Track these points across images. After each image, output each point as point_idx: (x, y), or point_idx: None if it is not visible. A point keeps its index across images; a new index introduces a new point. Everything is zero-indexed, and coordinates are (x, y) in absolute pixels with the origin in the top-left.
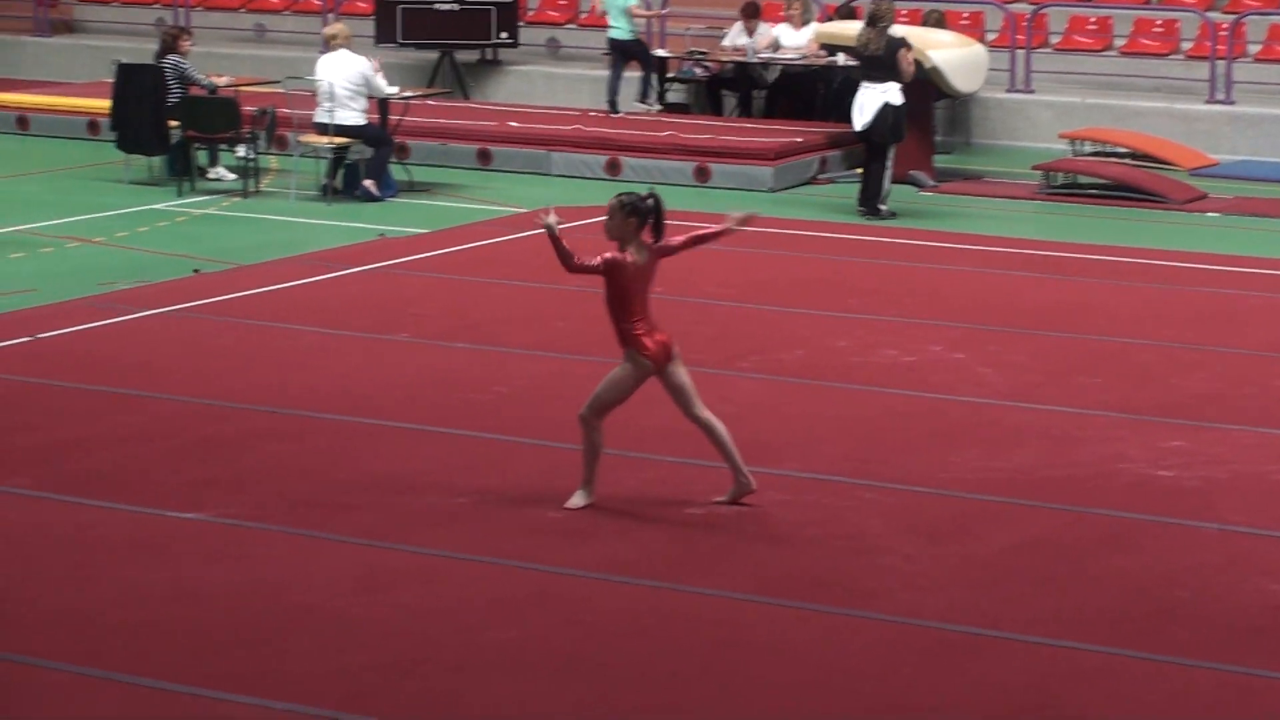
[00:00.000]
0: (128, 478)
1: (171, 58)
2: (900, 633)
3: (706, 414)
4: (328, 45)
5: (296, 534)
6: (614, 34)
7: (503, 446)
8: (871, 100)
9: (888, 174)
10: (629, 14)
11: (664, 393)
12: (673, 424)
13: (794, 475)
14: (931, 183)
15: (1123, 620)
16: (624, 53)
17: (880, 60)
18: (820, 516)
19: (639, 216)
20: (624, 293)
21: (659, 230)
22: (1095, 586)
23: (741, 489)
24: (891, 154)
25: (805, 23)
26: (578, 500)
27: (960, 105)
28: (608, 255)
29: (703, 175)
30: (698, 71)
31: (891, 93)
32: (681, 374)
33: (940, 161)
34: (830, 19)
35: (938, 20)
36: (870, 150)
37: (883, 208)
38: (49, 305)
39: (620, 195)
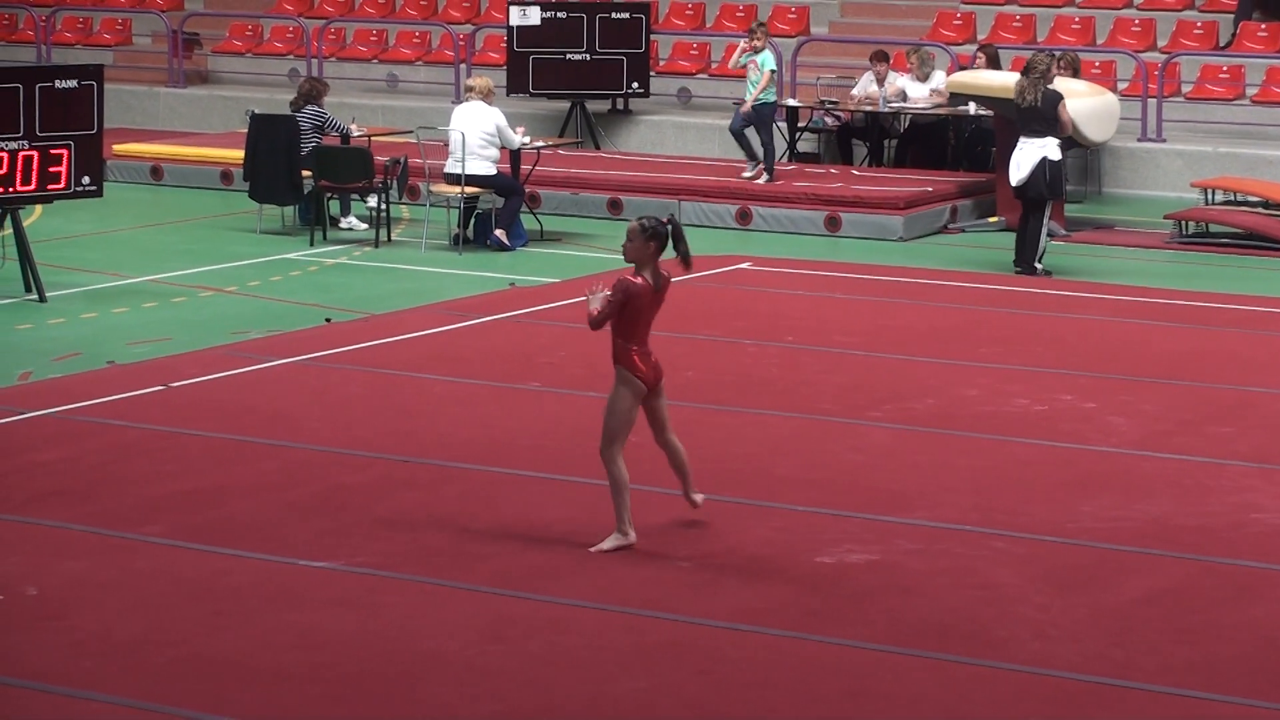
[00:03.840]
0: (260, 526)
1: (311, 108)
2: (1030, 683)
3: (675, 439)
4: (466, 95)
5: (427, 582)
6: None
7: (633, 495)
8: (1029, 155)
9: (1045, 231)
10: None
11: (785, 441)
12: (800, 473)
13: (925, 525)
14: (1063, 232)
15: (1256, 671)
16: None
17: (1037, 113)
18: (950, 566)
19: (658, 240)
20: (635, 316)
21: (684, 254)
22: (1228, 637)
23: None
24: (1049, 210)
25: (926, 75)
26: (610, 543)
27: (1092, 154)
28: (620, 283)
29: (833, 225)
30: (828, 121)
31: (1050, 148)
32: (663, 402)
33: (1072, 211)
34: (962, 69)
35: (1071, 63)
36: (1026, 206)
37: (1039, 266)
38: (183, 354)
39: (640, 219)
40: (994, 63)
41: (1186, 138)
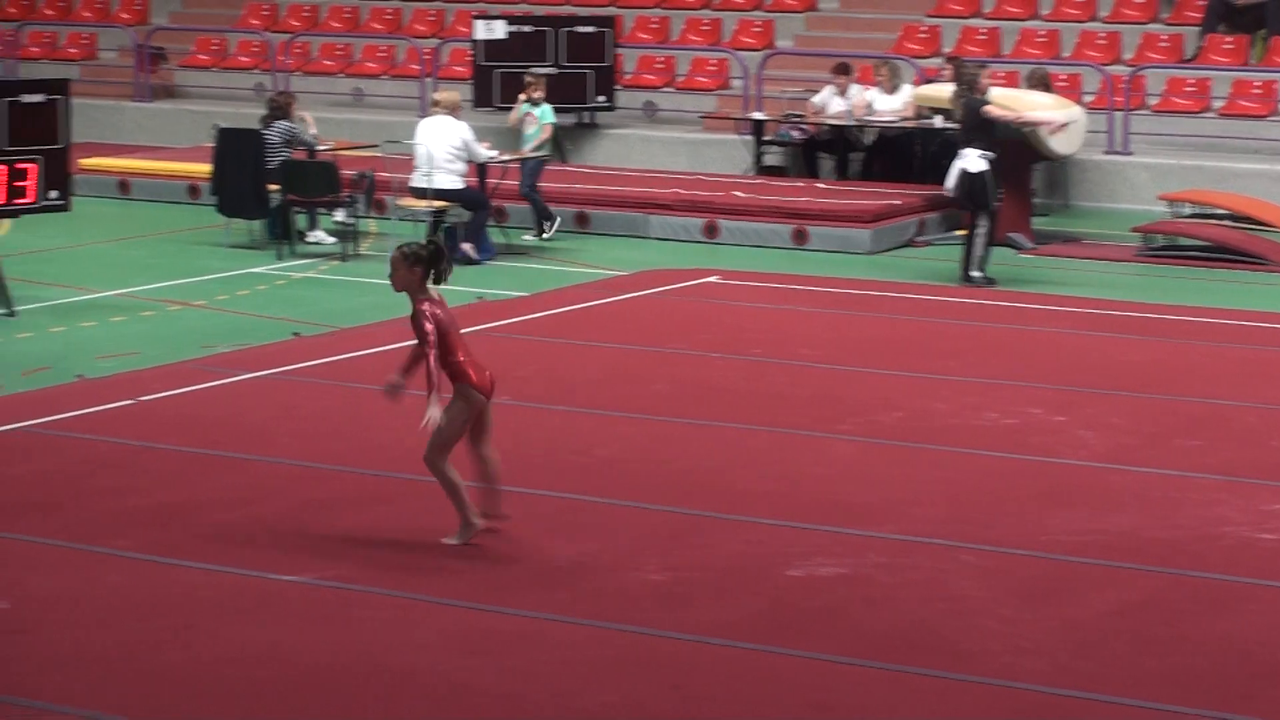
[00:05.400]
0: (231, 540)
1: (282, 123)
2: (999, 695)
3: (494, 452)
4: (431, 109)
5: (401, 596)
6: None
7: (602, 509)
8: (955, 166)
9: (977, 241)
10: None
11: (754, 454)
12: (769, 486)
13: (892, 538)
14: (1030, 245)
15: (1225, 684)
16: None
17: (962, 123)
18: (920, 579)
19: (422, 264)
20: (444, 334)
21: (440, 273)
22: (1197, 650)
23: (497, 517)
24: (982, 221)
25: (896, 87)
26: (460, 537)
27: (1058, 167)
28: (425, 314)
29: (801, 238)
30: (794, 134)
31: (968, 159)
32: (489, 413)
33: (1039, 223)
34: (928, 82)
35: (1042, 79)
36: (968, 216)
37: (975, 274)
38: (151, 368)
39: (401, 246)
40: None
41: (1153, 150)
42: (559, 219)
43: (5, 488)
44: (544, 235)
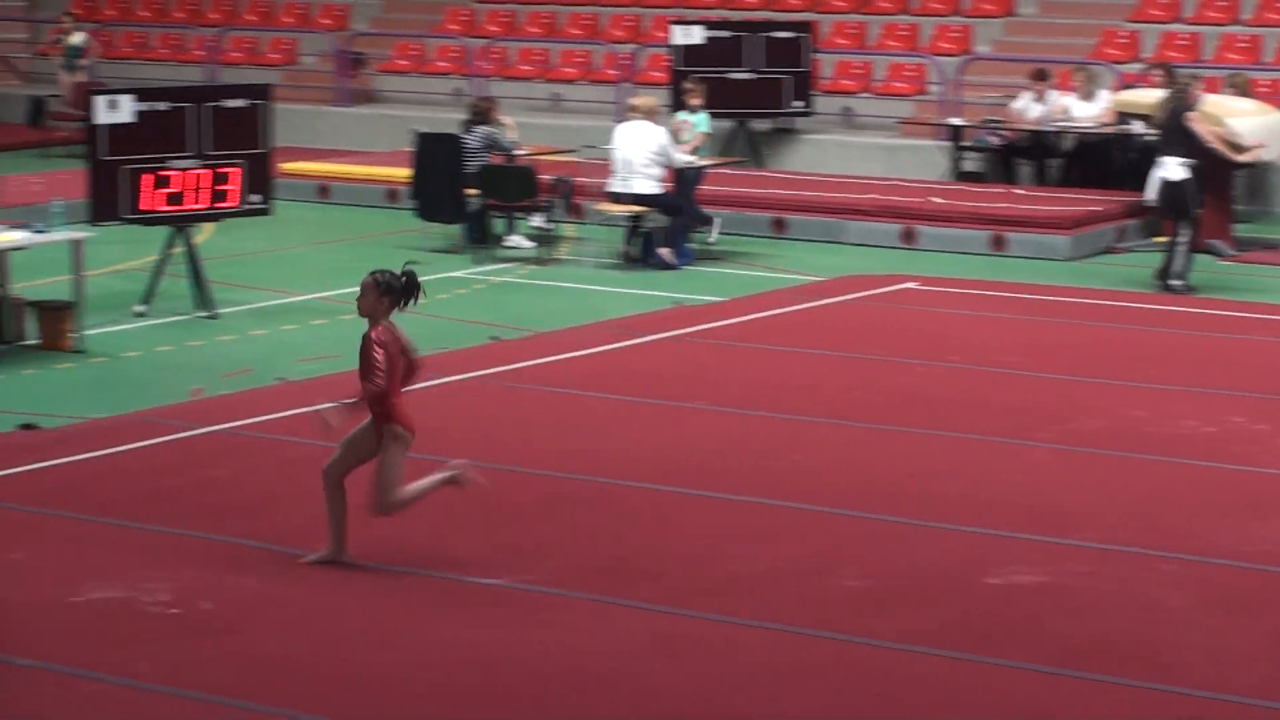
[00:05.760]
0: (429, 543)
1: (482, 128)
2: (1204, 707)
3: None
4: (629, 114)
5: (595, 600)
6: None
7: (800, 515)
8: (1155, 175)
9: (1179, 249)
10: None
11: (951, 461)
12: (967, 494)
13: (1091, 546)
14: (1231, 252)
15: None
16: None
17: (1165, 132)
18: (1118, 588)
19: (392, 295)
20: (394, 368)
21: (410, 304)
22: None
23: (335, 555)
24: (1184, 229)
25: (1091, 94)
26: (314, 557)
27: (1260, 174)
28: (375, 342)
29: (998, 244)
30: (992, 140)
31: (1168, 168)
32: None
33: (1240, 230)
34: (1127, 87)
35: (1242, 85)
36: (1169, 224)
37: (1174, 283)
38: (351, 371)
39: (375, 273)
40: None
41: None
42: (718, 220)
43: (207, 490)
44: (709, 240)
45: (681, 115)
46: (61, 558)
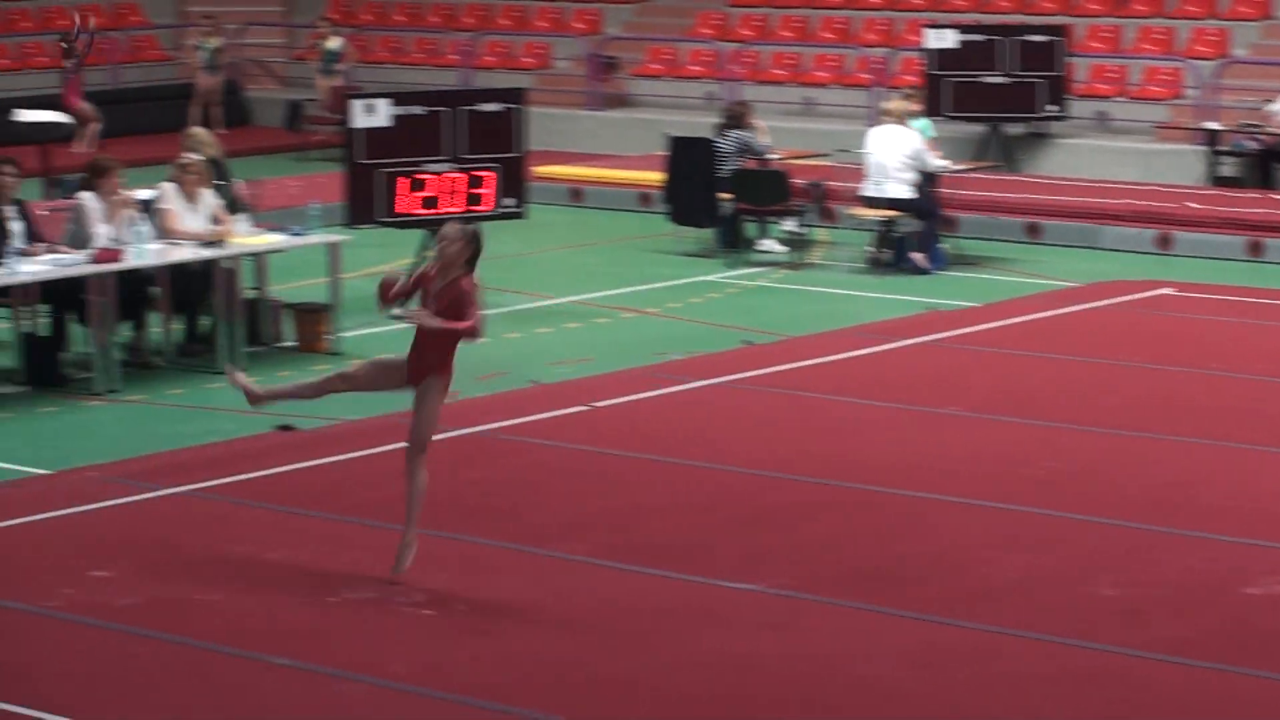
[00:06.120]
0: (683, 547)
1: (736, 132)
2: None
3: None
4: (881, 118)
5: (852, 606)
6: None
7: (1056, 522)
8: None
9: None
10: None
11: (1210, 470)
12: (1227, 502)
13: None
14: None
15: None
16: None
17: None
18: None
19: (475, 250)
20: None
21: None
22: None
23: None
24: None
25: None
26: (410, 558)
27: None
28: (471, 291)
29: (1256, 250)
30: (1250, 144)
31: None
32: None
33: None
34: None
35: None
36: None
37: None
38: (605, 374)
39: (467, 225)
40: None
41: None
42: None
43: (462, 492)
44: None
45: (923, 124)
46: (318, 558)
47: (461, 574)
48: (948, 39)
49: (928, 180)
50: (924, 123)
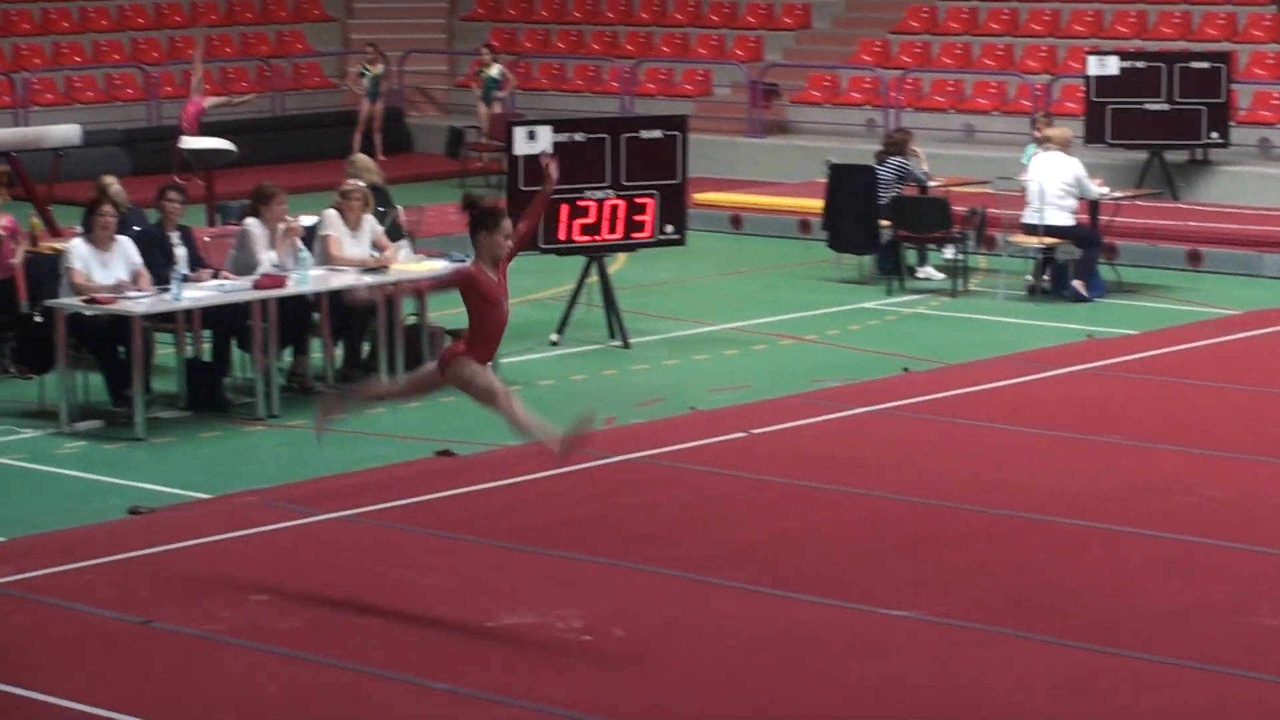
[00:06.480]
0: (841, 573)
1: (896, 159)
2: None
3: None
4: (1041, 145)
5: (1006, 634)
6: None
7: (1215, 551)
8: None
9: None
10: None
11: None
12: None
13: None
14: None
15: None
16: None
17: None
18: None
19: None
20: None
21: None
22: None
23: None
24: None
25: None
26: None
27: None
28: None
29: None
30: None
31: None
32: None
33: None
34: None
35: None
36: None
37: None
38: (763, 401)
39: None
40: None
41: None
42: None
43: (619, 518)
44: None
45: (1030, 149)
46: (476, 583)
47: (619, 599)
48: (1110, 66)
49: (1089, 208)
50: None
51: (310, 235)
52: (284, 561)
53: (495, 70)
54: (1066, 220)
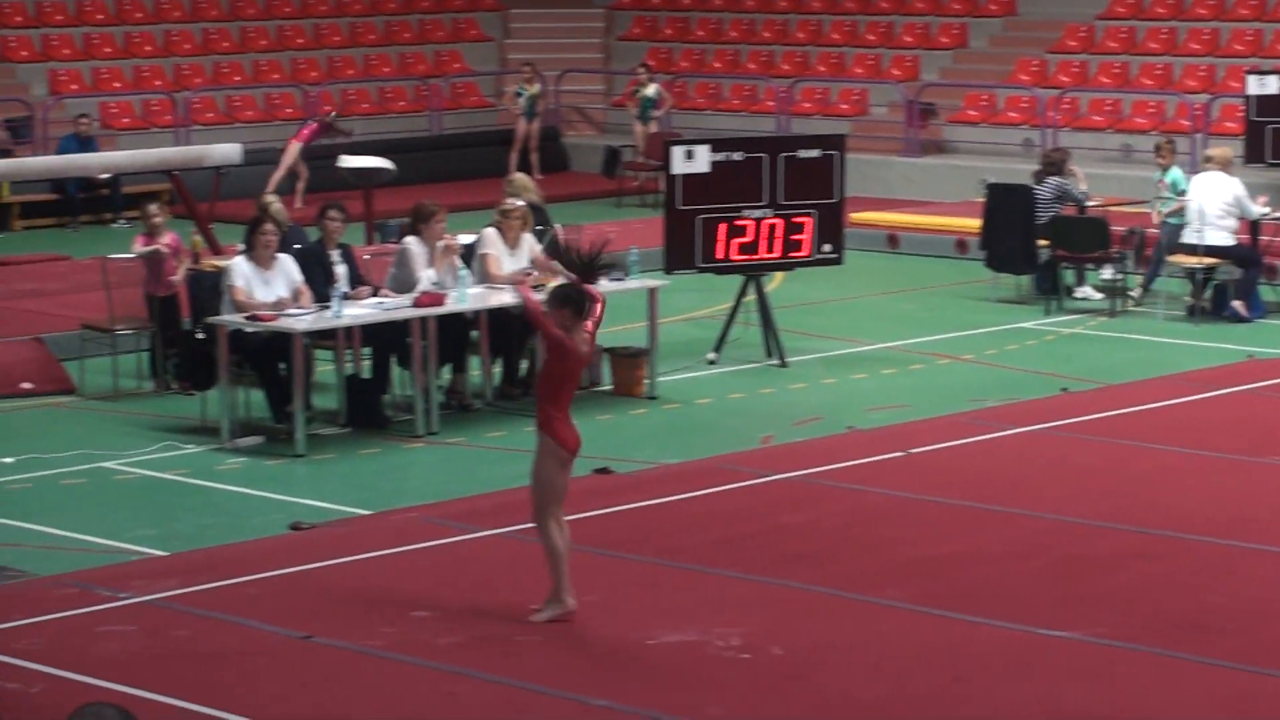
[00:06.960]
0: (1000, 593)
1: (1054, 179)
2: None
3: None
4: (1201, 165)
5: (1165, 655)
6: None
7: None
8: None
9: None
10: None
11: None
12: None
13: None
14: None
15: None
16: None
17: None
18: None
19: (572, 306)
20: (565, 379)
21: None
22: None
23: (560, 608)
24: None
25: None
26: (548, 613)
27: None
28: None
29: None
30: None
31: None
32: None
33: None
34: None
35: None
36: None
37: None
38: (921, 420)
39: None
40: None
41: None
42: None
43: (778, 536)
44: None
45: (1156, 175)
46: (635, 601)
47: (777, 618)
48: (1270, 85)
49: (1249, 228)
50: (1175, 174)
51: (469, 253)
52: (443, 577)
53: (652, 90)
54: (1227, 240)
